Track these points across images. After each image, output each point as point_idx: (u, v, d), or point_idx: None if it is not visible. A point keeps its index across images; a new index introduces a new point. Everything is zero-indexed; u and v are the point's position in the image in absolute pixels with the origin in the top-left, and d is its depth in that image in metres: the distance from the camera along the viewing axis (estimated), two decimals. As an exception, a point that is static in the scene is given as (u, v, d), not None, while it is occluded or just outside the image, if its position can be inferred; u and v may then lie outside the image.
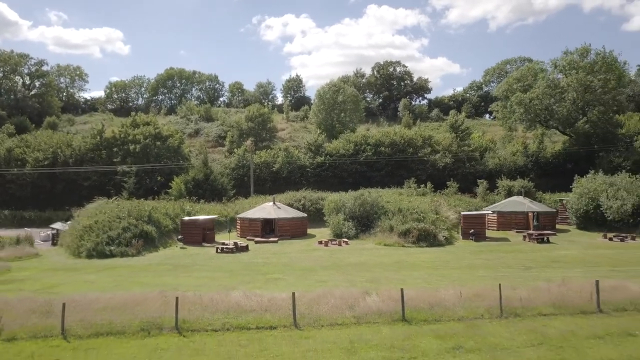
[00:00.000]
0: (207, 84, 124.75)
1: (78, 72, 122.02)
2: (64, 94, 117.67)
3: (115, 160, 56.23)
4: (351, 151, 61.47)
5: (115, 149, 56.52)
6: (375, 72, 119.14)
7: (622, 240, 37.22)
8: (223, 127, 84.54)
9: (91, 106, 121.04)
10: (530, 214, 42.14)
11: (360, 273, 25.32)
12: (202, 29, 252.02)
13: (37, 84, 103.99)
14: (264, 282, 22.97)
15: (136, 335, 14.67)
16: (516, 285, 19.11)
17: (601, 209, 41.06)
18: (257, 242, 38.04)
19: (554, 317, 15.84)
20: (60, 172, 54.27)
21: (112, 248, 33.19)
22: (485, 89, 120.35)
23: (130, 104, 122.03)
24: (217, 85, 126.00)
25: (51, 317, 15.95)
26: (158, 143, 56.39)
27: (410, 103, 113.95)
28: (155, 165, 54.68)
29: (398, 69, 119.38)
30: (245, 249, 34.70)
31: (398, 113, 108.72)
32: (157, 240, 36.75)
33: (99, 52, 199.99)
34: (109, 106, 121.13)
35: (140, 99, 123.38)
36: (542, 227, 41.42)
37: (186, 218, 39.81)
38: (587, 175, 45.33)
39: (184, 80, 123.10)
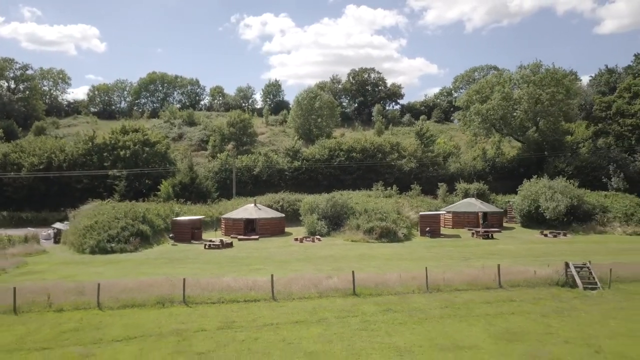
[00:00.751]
0: (189, 87, 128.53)
1: (61, 75, 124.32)
2: (47, 96, 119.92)
3: (105, 164, 60.36)
4: (326, 156, 66.81)
5: (105, 154, 60.64)
6: (351, 78, 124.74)
7: (555, 236, 43.50)
8: (205, 131, 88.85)
9: (74, 109, 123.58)
10: (479, 214, 48.19)
11: (327, 264, 30.63)
12: (179, 26, 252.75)
13: (21, 87, 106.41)
14: (247, 272, 28.04)
15: (154, 307, 19.70)
16: (449, 271, 24.69)
17: (540, 209, 47.33)
18: (240, 239, 43.05)
19: (464, 291, 21.44)
20: (54, 176, 58.20)
21: (113, 245, 37.77)
22: (455, 94, 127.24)
23: (113, 107, 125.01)
24: (199, 89, 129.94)
25: (85, 295, 20.87)
26: (147, 149, 60.80)
27: (384, 108, 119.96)
28: (144, 170, 59.05)
29: (372, 75, 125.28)
30: (230, 245, 39.72)
31: (372, 118, 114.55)
32: (152, 238, 41.43)
33: (74, 50, 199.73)
34: (92, 109, 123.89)
35: (123, 102, 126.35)
36: (490, 225, 47.52)
37: (177, 218, 44.55)
38: (531, 180, 51.58)
39: (166, 84, 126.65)
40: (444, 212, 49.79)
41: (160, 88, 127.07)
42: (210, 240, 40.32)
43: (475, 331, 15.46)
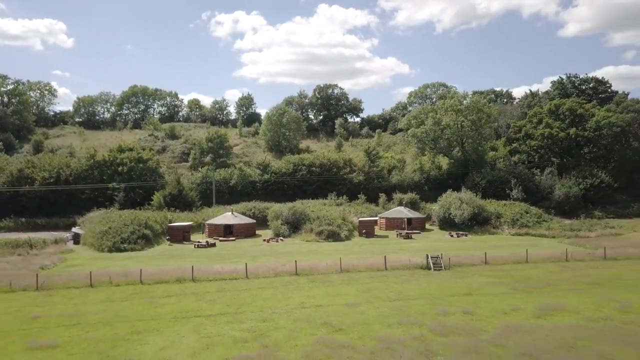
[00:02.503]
0: (168, 100, 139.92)
1: (48, 87, 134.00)
2: (35, 107, 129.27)
3: (105, 178, 72.29)
4: (291, 170, 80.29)
5: (105, 169, 72.56)
6: (316, 93, 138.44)
7: (459, 236, 58.17)
8: (186, 144, 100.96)
9: (60, 119, 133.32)
10: (405, 219, 62.64)
11: (285, 257, 44.12)
12: (149, 22, 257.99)
13: (14, 101, 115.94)
14: (229, 263, 41.29)
15: (175, 282, 32.86)
16: (360, 260, 38.48)
17: (452, 215, 62.07)
18: (221, 240, 56.18)
19: (362, 272, 35.32)
20: (62, 187, 69.78)
21: (125, 245, 50.40)
22: (410, 108, 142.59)
23: (97, 117, 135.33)
24: (177, 101, 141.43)
25: (128, 277, 33.85)
26: (140, 165, 73.02)
27: (346, 121, 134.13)
28: (139, 183, 71.28)
29: (336, 91, 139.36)
30: (213, 245, 52.86)
31: (335, 130, 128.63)
32: (153, 240, 54.18)
33: (40, 45, 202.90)
34: (77, 119, 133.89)
35: (107, 112, 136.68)
36: (414, 228, 62.00)
37: (171, 224, 57.34)
38: (447, 192, 66.32)
39: (146, 97, 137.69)
40: (379, 217, 64.09)
41: (142, 100, 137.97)
42: (198, 242, 53.39)
43: (351, 289, 29.18)
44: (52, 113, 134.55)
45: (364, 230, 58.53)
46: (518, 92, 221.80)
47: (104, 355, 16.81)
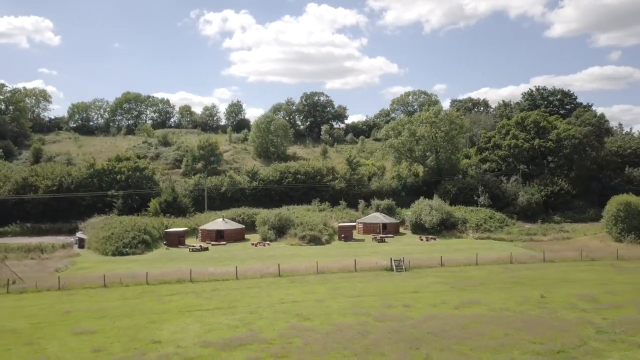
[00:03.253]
0: (160, 106, 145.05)
1: (43, 94, 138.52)
2: (30, 113, 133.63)
3: (103, 185, 77.71)
4: (278, 177, 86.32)
5: (104, 177, 77.99)
6: (303, 100, 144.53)
7: (428, 240, 64.70)
8: (179, 151, 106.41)
9: (55, 124, 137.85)
10: (380, 224, 69.07)
11: (271, 260, 50.23)
12: (137, 20, 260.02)
13: (11, 109, 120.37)
14: (221, 265, 47.30)
15: (175, 283, 38.85)
16: (335, 263, 44.72)
17: (422, 220, 68.61)
18: (213, 244, 62.10)
19: (335, 273, 41.59)
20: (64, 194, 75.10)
21: (127, 249, 56.13)
22: (393, 115, 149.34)
23: (91, 123, 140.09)
24: (169, 107, 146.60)
25: (135, 278, 39.78)
26: (137, 174, 78.59)
27: (332, 127, 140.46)
28: (136, 191, 76.85)
29: (322, 98, 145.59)
30: (206, 249, 58.80)
31: (321, 136, 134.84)
32: (151, 244, 59.98)
33: (26, 42, 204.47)
34: (72, 125, 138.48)
35: (101, 119, 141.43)
36: (389, 232, 68.41)
37: (168, 230, 63.14)
38: (419, 199, 72.83)
39: (139, 103, 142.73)
40: (358, 222, 70.49)
41: (134, 106, 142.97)
42: (193, 246, 59.30)
43: (323, 288, 35.39)
44: (47, 119, 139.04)
45: (342, 235, 64.85)
46: (505, 92, 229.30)
47: (133, 338, 22.69)
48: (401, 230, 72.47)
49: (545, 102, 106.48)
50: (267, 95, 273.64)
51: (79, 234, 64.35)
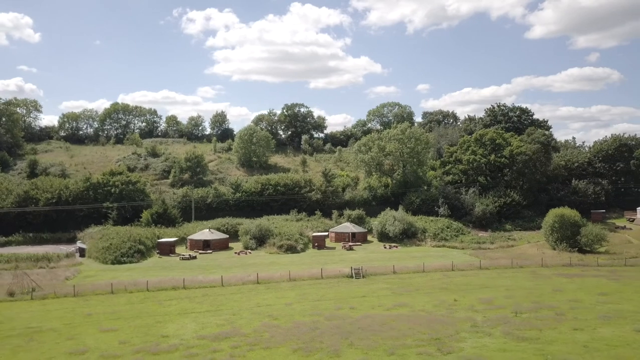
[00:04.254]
0: (147, 116, 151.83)
1: (33, 104, 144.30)
2: (22, 122, 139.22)
3: (98, 197, 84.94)
4: (259, 189, 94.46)
5: (99, 190, 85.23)
6: (285, 111, 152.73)
7: (390, 248, 73.60)
8: (167, 162, 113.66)
9: (46, 133, 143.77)
10: (350, 233, 77.79)
11: (251, 268, 58.47)
12: (119, 18, 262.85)
13: (4, 119, 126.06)
14: (208, 274, 55.40)
15: (171, 290, 46.90)
16: (304, 271, 53.18)
17: (386, 230, 77.49)
18: (200, 253, 70.06)
19: (305, 280, 50.07)
20: (63, 206, 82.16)
21: (125, 258, 63.81)
22: (368, 125, 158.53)
23: (81, 132, 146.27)
24: (156, 117, 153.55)
25: (137, 285, 47.76)
26: (130, 187, 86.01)
27: (311, 137, 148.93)
28: (129, 203, 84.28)
29: (302, 109, 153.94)
30: (195, 258, 66.79)
31: (301, 145, 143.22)
32: (146, 253, 67.73)
33: (5, 39, 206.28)
34: (62, 133, 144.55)
35: (90, 128, 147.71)
36: (357, 241, 77.13)
37: (160, 240, 70.88)
38: (385, 210, 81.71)
39: (127, 113, 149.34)
40: (330, 231, 79.12)
41: (123, 116, 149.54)
42: (183, 255, 67.23)
43: (292, 293, 43.73)
44: (38, 128, 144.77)
45: (316, 244, 73.40)
46: (487, 92, 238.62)
47: (146, 333, 30.72)
48: (369, 238, 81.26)
49: (505, 118, 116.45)
50: (251, 94, 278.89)
51: (79, 244, 71.71)
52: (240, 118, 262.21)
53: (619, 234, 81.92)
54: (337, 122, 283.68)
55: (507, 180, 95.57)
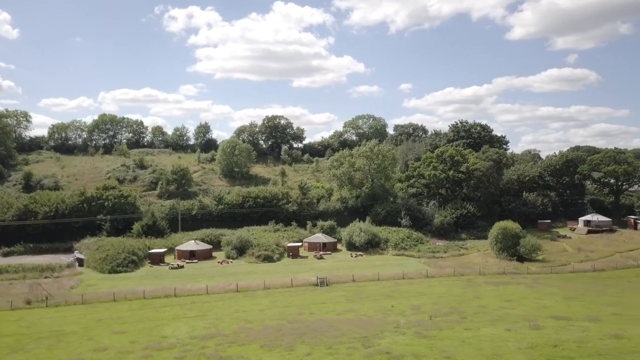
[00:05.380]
0: (134, 127, 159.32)
1: (23, 115, 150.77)
2: (13, 133, 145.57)
3: (92, 210, 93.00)
4: (241, 201, 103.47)
5: (93, 204, 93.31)
6: (265, 122, 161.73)
7: (356, 257, 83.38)
8: (154, 174, 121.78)
9: (36, 143, 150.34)
10: (321, 243, 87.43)
11: (232, 277, 67.60)
12: (99, 15, 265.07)
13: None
14: (195, 282, 64.35)
15: (164, 298, 55.86)
16: (277, 280, 62.58)
17: (353, 240, 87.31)
18: (187, 262, 78.90)
19: (278, 289, 59.47)
20: (60, 219, 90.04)
21: (120, 268, 72.36)
22: (345, 136, 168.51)
23: (70, 142, 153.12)
24: (142, 128, 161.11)
25: (135, 294, 56.65)
26: (122, 200, 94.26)
27: (291, 147, 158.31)
28: (122, 216, 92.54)
29: (282, 121, 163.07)
30: (182, 267, 75.65)
31: (281, 156, 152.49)
32: (138, 263, 76.34)
33: None
34: (52, 143, 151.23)
35: (79, 138, 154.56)
36: (327, 250, 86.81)
37: (151, 251, 79.49)
38: (353, 222, 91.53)
39: (115, 124, 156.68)
40: (304, 241, 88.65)
41: (110, 127, 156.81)
42: (172, 264, 76.06)
43: (265, 301, 53.00)
44: (28, 138, 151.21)
45: (290, 253, 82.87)
46: (469, 92, 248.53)
47: (149, 334, 39.65)
48: (339, 247, 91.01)
49: (467, 134, 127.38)
50: (234, 92, 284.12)
51: (76, 254, 79.96)
52: (223, 116, 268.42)
53: (559, 242, 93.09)
54: (320, 121, 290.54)
55: (465, 193, 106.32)
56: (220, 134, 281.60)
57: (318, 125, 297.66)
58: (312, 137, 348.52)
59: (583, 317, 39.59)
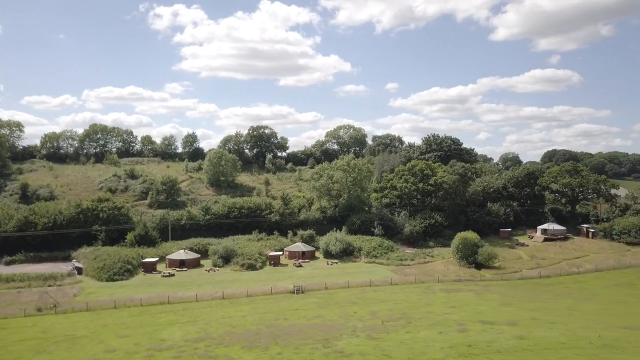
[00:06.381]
0: (124, 136, 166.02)
1: (16, 125, 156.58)
2: (7, 143, 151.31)
3: (88, 220, 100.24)
4: (226, 211, 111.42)
5: (89, 215, 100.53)
6: (251, 132, 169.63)
7: (332, 264, 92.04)
8: (145, 184, 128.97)
9: (29, 152, 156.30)
10: (300, 252, 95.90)
11: (219, 285, 75.68)
12: (83, 12, 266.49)
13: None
14: (185, 290, 72.33)
15: (159, 305, 63.87)
16: (258, 288, 70.95)
17: (330, 249, 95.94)
18: (177, 271, 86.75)
19: (260, 296, 67.85)
20: (58, 229, 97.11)
21: (117, 277, 79.98)
22: (326, 146, 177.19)
23: (62, 151, 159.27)
24: (132, 137, 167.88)
25: (133, 301, 64.58)
26: (116, 212, 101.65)
27: (275, 156, 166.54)
28: (116, 227, 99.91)
29: (267, 131, 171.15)
30: (173, 275, 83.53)
31: (265, 165, 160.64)
32: (133, 271, 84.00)
33: None
34: (44, 152, 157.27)
35: (70, 147, 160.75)
36: (306, 258, 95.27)
37: (144, 260, 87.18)
38: (331, 231, 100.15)
39: (105, 134, 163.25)
40: (285, 250, 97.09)
41: (101, 136, 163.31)
42: (163, 272, 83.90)
43: (248, 307, 61.18)
44: (21, 148, 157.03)
45: (272, 261, 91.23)
46: (454, 92, 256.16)
47: (150, 338, 47.62)
48: (317, 254, 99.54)
49: (439, 147, 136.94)
50: (220, 90, 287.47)
51: (74, 262, 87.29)
52: (209, 115, 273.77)
53: (516, 250, 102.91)
54: (307, 120, 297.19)
55: (434, 203, 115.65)
56: (206, 132, 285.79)
57: (305, 124, 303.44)
58: (299, 135, 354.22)
59: (504, 321, 48.66)
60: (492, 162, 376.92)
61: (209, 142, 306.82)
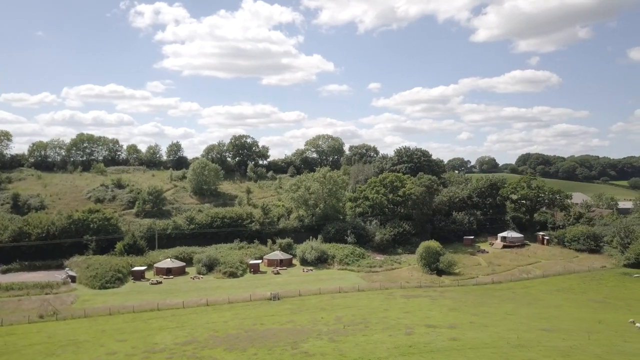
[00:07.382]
0: (110, 145, 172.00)
1: (4, 134, 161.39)
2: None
3: (79, 230, 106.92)
4: (210, 221, 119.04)
5: (80, 225, 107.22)
6: (233, 141, 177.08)
7: (307, 271, 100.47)
8: (132, 194, 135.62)
9: (17, 161, 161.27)
10: (278, 260, 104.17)
11: (203, 292, 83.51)
12: (62, 9, 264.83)
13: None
14: (173, 297, 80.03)
15: (150, 311, 71.56)
16: (239, 295, 79.07)
17: (306, 257, 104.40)
18: (165, 278, 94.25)
19: (239, 303, 75.91)
20: (51, 239, 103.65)
21: (109, 284, 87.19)
22: (305, 154, 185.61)
23: (49, 159, 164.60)
24: (117, 146, 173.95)
25: (126, 308, 72.13)
26: (105, 222, 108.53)
27: (256, 164, 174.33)
28: (106, 236, 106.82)
29: (249, 140, 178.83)
30: (161, 282, 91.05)
31: (247, 173, 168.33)
32: (123, 279, 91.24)
33: None
34: (31, 160, 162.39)
35: (58, 156, 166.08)
36: (284, 265, 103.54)
37: (133, 268, 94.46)
38: (307, 240, 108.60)
39: (92, 143, 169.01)
40: (264, 258, 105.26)
41: (88, 145, 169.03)
42: (152, 280, 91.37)
43: (229, 313, 69.13)
44: (9, 156, 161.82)
45: (252, 269, 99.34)
46: (436, 92, 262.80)
47: (144, 342, 55.25)
48: (294, 262, 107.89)
49: (409, 159, 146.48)
50: (202, 89, 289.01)
51: (67, 271, 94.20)
52: (191, 113, 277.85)
53: (476, 257, 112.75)
54: (290, 119, 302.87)
55: (403, 213, 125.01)
56: (189, 130, 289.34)
57: (288, 122, 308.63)
58: (282, 134, 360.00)
59: (447, 324, 57.73)
60: (469, 164, 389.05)
61: (191, 140, 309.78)
